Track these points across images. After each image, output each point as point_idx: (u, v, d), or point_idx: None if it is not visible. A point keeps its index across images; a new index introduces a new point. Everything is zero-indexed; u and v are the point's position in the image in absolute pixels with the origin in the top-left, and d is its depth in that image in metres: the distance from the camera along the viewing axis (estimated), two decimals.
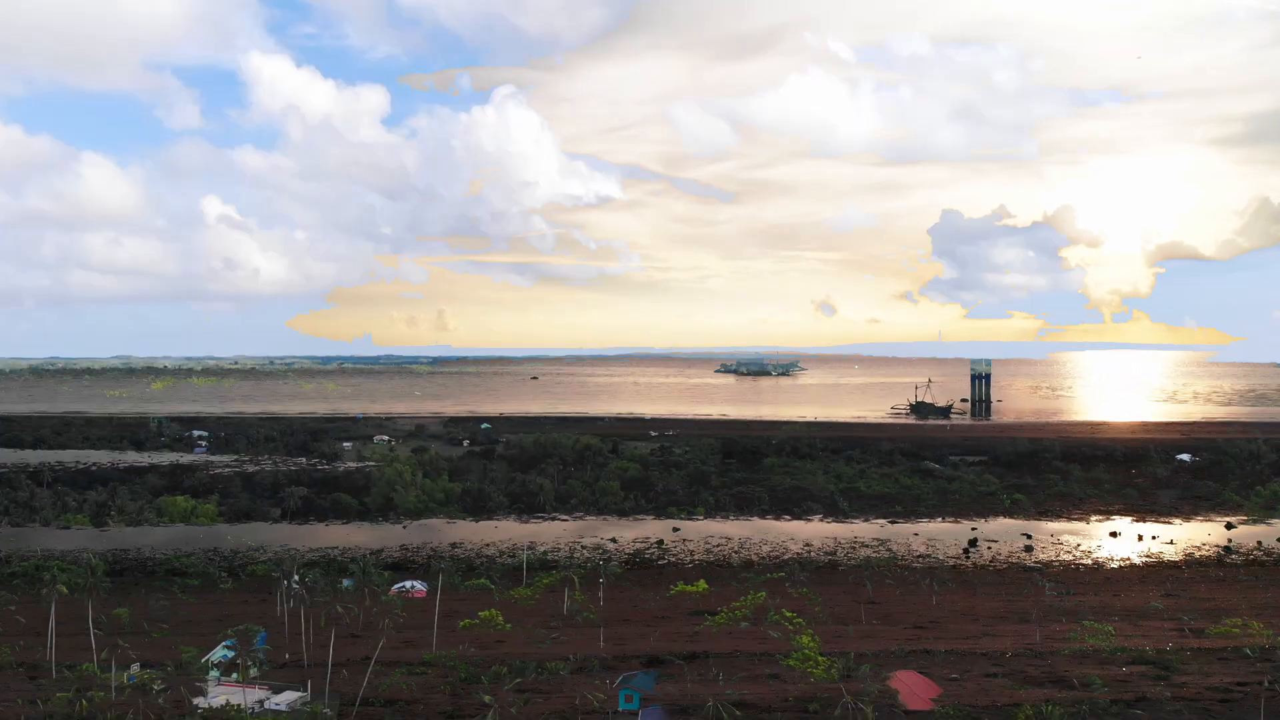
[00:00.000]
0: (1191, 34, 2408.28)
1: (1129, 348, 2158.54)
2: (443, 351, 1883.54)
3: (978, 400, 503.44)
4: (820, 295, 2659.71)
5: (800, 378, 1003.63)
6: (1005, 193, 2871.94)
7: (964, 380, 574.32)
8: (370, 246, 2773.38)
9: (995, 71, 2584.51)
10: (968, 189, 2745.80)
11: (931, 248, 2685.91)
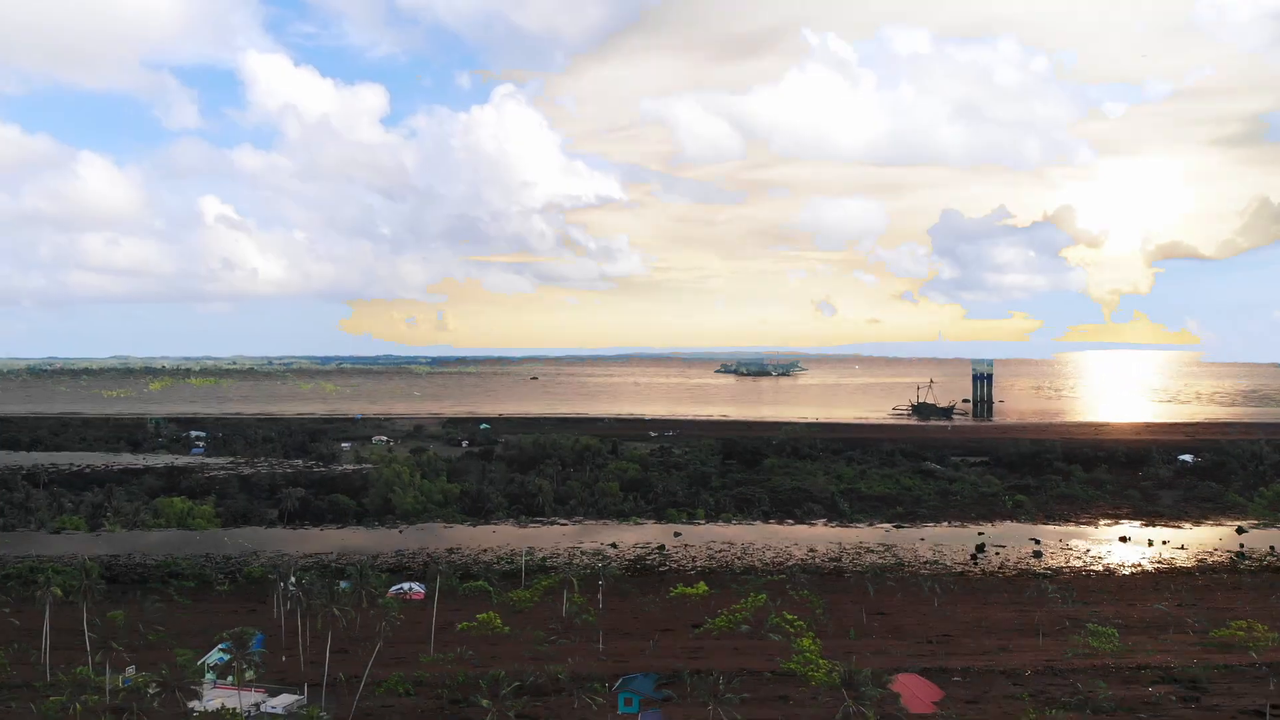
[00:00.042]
0: (1192, 34, 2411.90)
1: (1129, 348, 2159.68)
2: (442, 352, 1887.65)
3: (979, 401, 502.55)
4: (820, 295, 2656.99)
5: (800, 378, 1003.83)
6: (1005, 193, 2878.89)
7: (965, 380, 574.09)
8: (369, 246, 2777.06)
9: (996, 71, 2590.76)
10: (968, 189, 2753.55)
11: (932, 248, 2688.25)
